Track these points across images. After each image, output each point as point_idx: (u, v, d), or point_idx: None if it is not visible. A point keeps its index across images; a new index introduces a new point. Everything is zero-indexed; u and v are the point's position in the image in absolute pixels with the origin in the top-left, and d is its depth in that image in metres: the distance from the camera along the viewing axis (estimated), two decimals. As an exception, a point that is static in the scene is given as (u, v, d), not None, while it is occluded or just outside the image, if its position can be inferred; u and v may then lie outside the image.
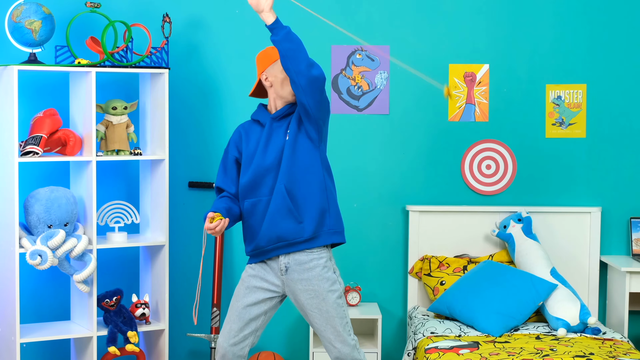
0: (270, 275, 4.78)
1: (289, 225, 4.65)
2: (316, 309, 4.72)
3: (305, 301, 4.73)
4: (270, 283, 4.78)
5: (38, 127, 5.47)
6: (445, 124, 6.24)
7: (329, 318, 4.71)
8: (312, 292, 4.71)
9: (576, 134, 6.26)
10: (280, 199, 4.64)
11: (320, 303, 4.71)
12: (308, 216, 4.66)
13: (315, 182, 4.67)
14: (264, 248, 4.72)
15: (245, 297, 4.78)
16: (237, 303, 4.79)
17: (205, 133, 6.17)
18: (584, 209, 6.19)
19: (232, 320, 4.79)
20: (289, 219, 4.65)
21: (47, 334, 5.56)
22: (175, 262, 6.18)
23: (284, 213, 4.64)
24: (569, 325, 5.60)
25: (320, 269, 4.73)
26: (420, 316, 5.94)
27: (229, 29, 6.15)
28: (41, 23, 5.42)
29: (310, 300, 4.72)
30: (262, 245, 4.71)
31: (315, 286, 4.71)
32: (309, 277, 4.71)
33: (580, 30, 6.23)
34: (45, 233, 5.38)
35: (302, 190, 4.66)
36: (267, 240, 4.69)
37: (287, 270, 4.74)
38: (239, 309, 4.78)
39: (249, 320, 4.78)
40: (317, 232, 4.69)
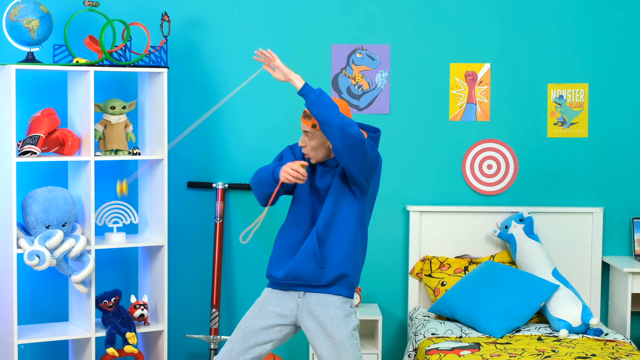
0: (287, 299, 4.69)
1: (310, 268, 4.62)
2: (329, 338, 4.60)
3: (319, 328, 4.63)
4: (285, 307, 4.68)
5: (36, 127, 5.46)
6: (446, 123, 6.24)
7: (342, 348, 4.58)
8: (327, 318, 4.61)
9: (578, 134, 6.25)
10: (310, 242, 4.63)
11: (334, 331, 4.59)
12: (331, 264, 4.63)
13: (347, 233, 4.64)
14: (282, 281, 4.67)
15: (256, 319, 4.69)
16: (246, 323, 4.70)
17: (204, 133, 6.17)
18: (586, 209, 6.18)
19: (236, 340, 4.68)
20: (312, 262, 4.62)
21: (45, 335, 5.55)
22: (174, 262, 6.18)
23: (309, 255, 4.62)
24: (570, 327, 5.59)
25: (339, 300, 4.65)
26: (421, 317, 5.94)
27: (228, 28, 6.14)
28: (39, 22, 5.41)
29: (324, 327, 4.62)
30: (280, 278, 4.66)
31: (332, 313, 4.61)
32: (326, 302, 4.63)
33: (582, 29, 6.22)
34: (43, 233, 5.37)
35: (332, 238, 4.64)
36: (286, 275, 4.64)
37: (304, 294, 4.67)
38: (246, 330, 4.68)
39: (254, 345, 4.67)
40: (335, 281, 4.64)
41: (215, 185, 6.10)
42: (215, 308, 6.02)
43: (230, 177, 6.18)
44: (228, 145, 6.17)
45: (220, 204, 6.07)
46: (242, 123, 6.18)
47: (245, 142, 6.17)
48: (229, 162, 6.19)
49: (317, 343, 4.63)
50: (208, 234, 6.20)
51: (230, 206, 6.19)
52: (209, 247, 6.20)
